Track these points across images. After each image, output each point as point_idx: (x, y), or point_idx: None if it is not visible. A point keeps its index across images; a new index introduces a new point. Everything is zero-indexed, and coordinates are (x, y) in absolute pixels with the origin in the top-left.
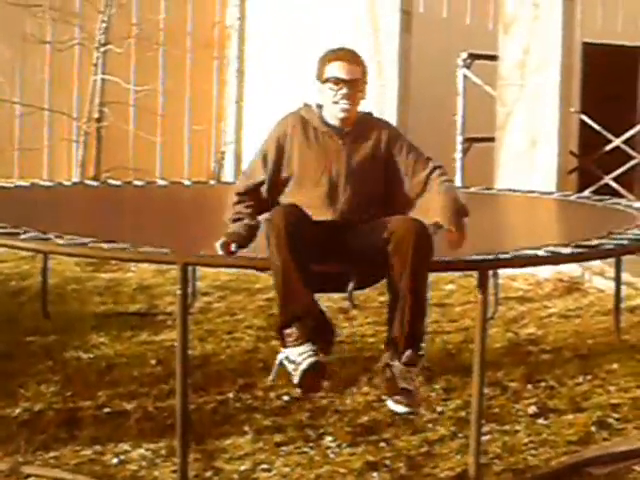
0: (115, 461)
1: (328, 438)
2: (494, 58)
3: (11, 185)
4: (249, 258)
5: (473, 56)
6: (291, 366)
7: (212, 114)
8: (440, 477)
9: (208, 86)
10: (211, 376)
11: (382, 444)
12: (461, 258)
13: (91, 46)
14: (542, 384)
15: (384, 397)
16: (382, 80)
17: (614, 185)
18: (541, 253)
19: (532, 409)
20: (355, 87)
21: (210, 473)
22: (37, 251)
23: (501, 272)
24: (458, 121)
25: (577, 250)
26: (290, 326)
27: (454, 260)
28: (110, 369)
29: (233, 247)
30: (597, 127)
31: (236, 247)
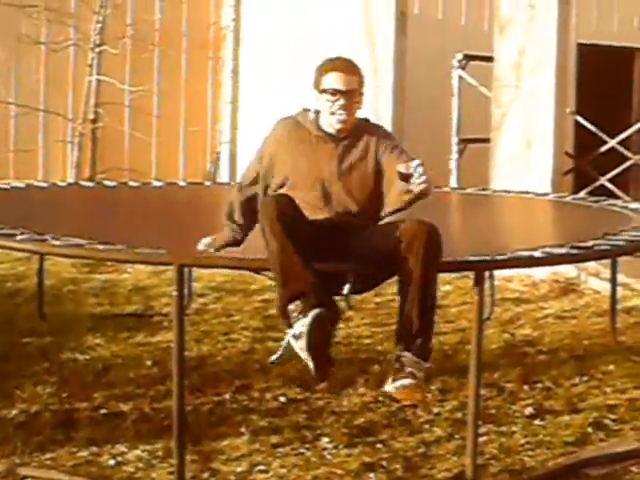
0: (112, 462)
1: (325, 439)
2: (489, 59)
3: (6, 186)
4: (245, 259)
5: (468, 57)
6: (299, 342)
7: (207, 115)
8: (437, 478)
9: (203, 87)
10: (207, 377)
11: (379, 445)
12: (457, 259)
13: (86, 47)
14: (538, 385)
15: (387, 387)
16: (377, 81)
17: (610, 186)
18: (537, 254)
19: (528, 410)
20: (352, 98)
21: (207, 474)
22: (33, 252)
23: (497, 273)
24: (453, 122)
25: (573, 251)
26: (293, 302)
27: (450, 261)
28: (106, 370)
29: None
30: (592, 128)
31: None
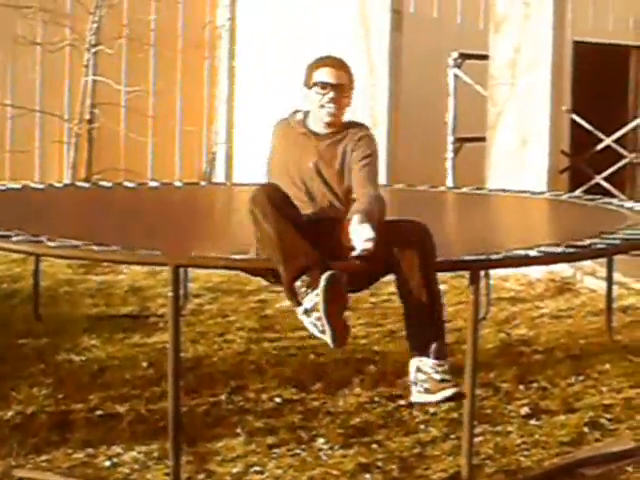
0: (107, 464)
1: (320, 440)
2: (485, 57)
3: (2, 187)
4: (241, 259)
5: (464, 55)
6: (312, 316)
7: (203, 115)
8: (432, 478)
9: (199, 87)
10: (203, 378)
11: (374, 446)
12: (453, 258)
13: (82, 47)
14: (534, 385)
15: (429, 398)
16: (373, 80)
17: (605, 185)
18: (533, 253)
19: (524, 410)
20: (341, 92)
21: (203, 475)
22: (29, 253)
23: (493, 272)
24: (449, 121)
25: (569, 250)
26: (299, 278)
27: (445, 260)
28: (102, 371)
29: None
30: (588, 126)
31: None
